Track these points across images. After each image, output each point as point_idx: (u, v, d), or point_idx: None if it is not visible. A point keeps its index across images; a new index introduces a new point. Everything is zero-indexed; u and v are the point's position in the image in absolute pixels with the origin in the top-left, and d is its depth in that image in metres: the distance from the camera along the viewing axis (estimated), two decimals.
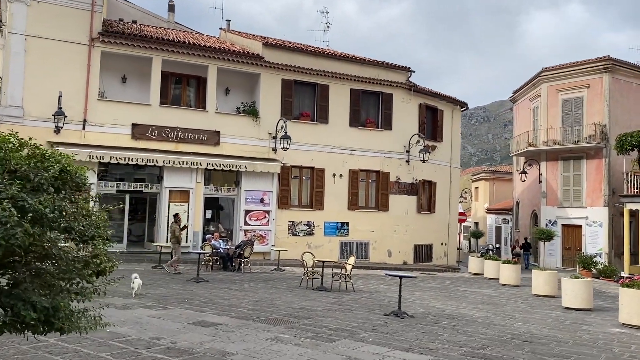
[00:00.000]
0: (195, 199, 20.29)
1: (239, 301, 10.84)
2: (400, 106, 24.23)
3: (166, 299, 10.65)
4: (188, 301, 10.48)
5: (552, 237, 17.91)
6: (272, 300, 11.34)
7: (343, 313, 10.18)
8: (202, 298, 10.98)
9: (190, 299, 10.81)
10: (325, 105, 22.68)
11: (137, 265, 17.59)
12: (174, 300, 10.45)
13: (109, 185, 19.61)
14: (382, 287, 15.53)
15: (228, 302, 10.67)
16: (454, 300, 13.55)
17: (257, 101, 21.73)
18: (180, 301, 10.43)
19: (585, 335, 9.48)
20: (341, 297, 12.76)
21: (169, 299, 10.58)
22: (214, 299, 10.99)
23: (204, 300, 10.64)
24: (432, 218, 25.91)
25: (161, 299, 10.60)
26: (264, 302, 10.90)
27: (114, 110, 19.33)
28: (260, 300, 11.23)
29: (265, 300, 11.19)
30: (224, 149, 20.67)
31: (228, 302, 10.67)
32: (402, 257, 24.06)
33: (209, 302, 10.45)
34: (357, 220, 23.07)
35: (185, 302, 10.37)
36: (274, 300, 11.37)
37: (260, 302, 10.86)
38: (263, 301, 11.09)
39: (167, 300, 10.49)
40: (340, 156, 22.80)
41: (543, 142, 29.50)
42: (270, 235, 21.35)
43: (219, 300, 10.75)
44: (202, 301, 10.57)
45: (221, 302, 10.60)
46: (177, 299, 10.64)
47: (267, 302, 11.01)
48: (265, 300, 11.30)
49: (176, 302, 10.33)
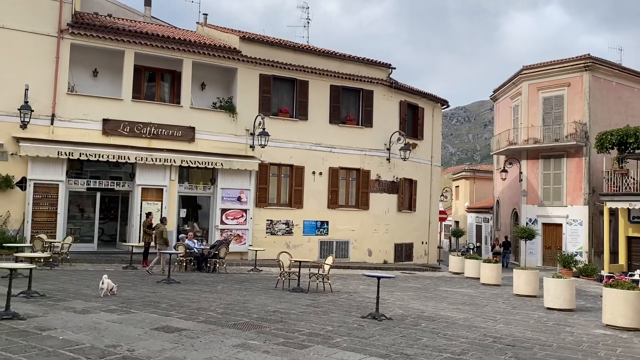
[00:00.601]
0: (169, 197, 19.64)
1: (209, 304, 10.30)
2: (381, 103, 23.83)
3: (131, 302, 10.06)
4: (155, 304, 9.90)
5: (534, 236, 17.70)
6: (244, 302, 10.82)
7: (318, 316, 9.70)
8: (170, 301, 10.41)
9: (157, 302, 10.23)
10: (305, 102, 22.18)
11: (107, 265, 16.96)
12: (139, 304, 9.87)
13: (79, 183, 18.88)
14: (361, 288, 15.09)
15: (197, 305, 10.11)
16: (433, 301, 13.17)
17: (234, 97, 21.14)
18: (146, 304, 9.85)
19: (568, 337, 9.13)
20: (318, 298, 12.28)
21: (134, 302, 9.99)
22: (183, 301, 10.43)
23: (171, 304, 10.07)
24: (413, 217, 25.58)
25: (126, 302, 10.01)
26: (235, 305, 10.37)
27: (84, 105, 18.59)
28: (232, 303, 10.70)
29: (237, 303, 10.67)
30: (199, 145, 20.05)
31: (197, 305, 10.11)
32: (383, 256, 23.68)
33: (176, 306, 9.89)
34: (337, 219, 22.62)
35: (151, 305, 9.80)
36: (247, 302, 10.85)
37: (232, 305, 10.33)
38: (235, 304, 10.56)
39: (132, 303, 9.91)
40: (320, 154, 22.33)
41: (523, 141, 29.39)
42: (247, 235, 20.79)
43: (187, 304, 10.19)
44: (170, 304, 10.00)
45: (190, 305, 10.05)
46: (143, 302, 10.06)
47: (239, 305, 10.49)
48: (238, 302, 10.77)
49: (142, 305, 9.74)
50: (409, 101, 25.27)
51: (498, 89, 34.19)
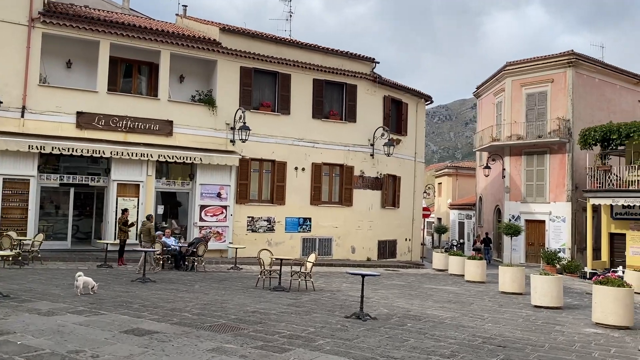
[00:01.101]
0: (146, 193, 18.99)
1: (184, 304, 9.77)
2: (365, 98, 23.43)
3: (102, 302, 9.49)
4: (127, 305, 9.35)
5: (519, 232, 17.47)
6: (222, 302, 10.31)
7: (300, 316, 9.24)
8: (144, 301, 9.86)
9: (129, 302, 9.68)
10: (287, 96, 21.67)
11: (81, 264, 16.31)
12: (110, 304, 9.30)
13: (51, 178, 18.12)
14: (344, 286, 14.68)
15: (172, 305, 9.58)
16: (419, 299, 12.80)
17: (214, 90, 20.55)
18: (117, 305, 9.29)
19: (560, 337, 8.81)
20: (300, 297, 11.83)
21: (105, 303, 9.42)
22: (157, 302, 9.88)
23: (145, 304, 9.53)
24: (397, 213, 25.25)
25: (97, 302, 9.44)
26: (212, 305, 9.87)
27: (57, 97, 17.85)
28: (209, 303, 10.19)
29: (214, 303, 10.16)
30: (177, 139, 19.43)
31: (172, 305, 9.58)
32: (366, 253, 23.31)
33: (150, 306, 9.35)
34: (320, 215, 22.18)
35: (123, 305, 9.24)
36: (225, 302, 10.35)
37: (209, 306, 9.82)
38: (212, 304, 10.05)
39: (103, 303, 9.34)
40: (303, 149, 21.85)
41: (507, 137, 29.26)
42: (227, 232, 20.24)
43: (162, 304, 9.66)
44: (143, 305, 9.46)
45: (164, 305, 9.51)
46: (114, 303, 9.49)
47: (216, 305, 9.98)
48: (215, 303, 10.26)
49: (113, 305, 9.18)
50: (392, 96, 24.90)
51: (481, 85, 34.04)
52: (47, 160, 18.38)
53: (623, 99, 29.83)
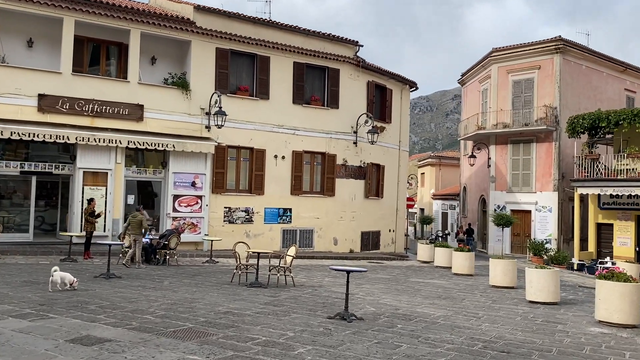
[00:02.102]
0: (114, 182, 17.78)
1: (148, 304, 8.72)
2: (348, 83, 22.42)
3: (54, 302, 8.39)
4: (82, 306, 8.27)
5: (511, 223, 16.67)
6: (192, 302, 9.28)
7: (278, 317, 8.26)
8: (103, 301, 8.78)
9: (86, 302, 8.59)
10: (266, 80, 20.55)
11: (43, 258, 15.12)
12: (63, 305, 8.21)
13: (10, 165, 16.81)
14: (326, 280, 13.74)
15: (134, 306, 8.53)
16: (406, 295, 11.93)
17: (188, 72, 19.33)
18: (71, 306, 8.20)
19: (565, 339, 7.98)
20: (278, 294, 10.85)
21: (57, 303, 8.33)
22: (118, 302, 8.81)
23: (103, 305, 8.45)
24: (380, 204, 24.39)
25: (48, 302, 8.34)
26: (180, 305, 8.83)
27: (17, 78, 16.50)
28: (177, 302, 9.15)
29: (183, 303, 9.12)
30: (148, 125, 18.23)
31: (134, 306, 8.53)
32: (349, 245, 22.42)
33: (108, 307, 8.28)
34: (300, 206, 21.19)
35: (77, 307, 8.16)
36: (195, 301, 9.32)
37: (176, 305, 8.78)
38: (180, 303, 9.01)
39: (55, 304, 8.25)
40: (283, 136, 20.79)
41: (492, 125, 28.57)
42: (202, 223, 19.13)
43: (123, 304, 8.59)
44: (101, 305, 8.38)
45: (125, 306, 8.45)
46: (68, 303, 8.40)
47: (185, 304, 8.95)
48: (184, 302, 9.23)
49: (65, 307, 8.10)
50: (376, 82, 23.93)
51: (466, 72, 33.27)
52: (6, 147, 17.07)
53: (610, 87, 29.33)
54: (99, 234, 16.87)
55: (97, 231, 16.67)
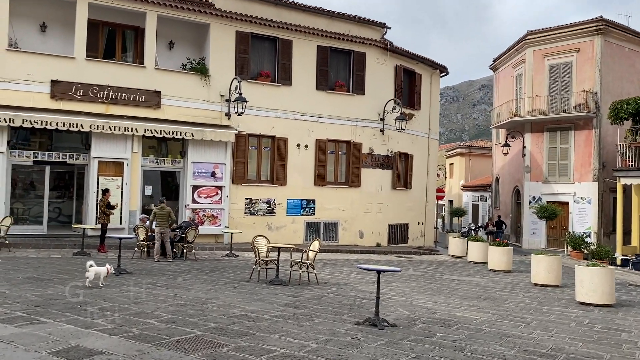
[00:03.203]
0: (131, 172, 17.03)
1: (155, 306, 7.83)
2: (374, 68, 21.23)
3: (51, 303, 7.56)
4: (80, 308, 7.42)
5: (556, 215, 15.35)
6: (204, 302, 8.36)
7: (299, 323, 7.28)
8: (106, 302, 7.92)
9: (85, 303, 7.74)
10: (288, 64, 19.52)
11: (56, 251, 14.48)
12: (59, 307, 7.37)
13: (23, 155, 16.17)
14: (352, 277, 12.72)
15: (139, 308, 7.64)
16: (442, 295, 10.83)
17: (207, 57, 18.44)
18: (68, 308, 7.36)
19: (636, 352, 6.81)
20: (300, 293, 9.87)
21: (53, 305, 7.50)
22: (122, 302, 7.94)
23: (104, 306, 7.59)
24: (409, 195, 23.21)
25: (44, 303, 7.51)
26: (191, 307, 7.91)
27: (29, 63, 15.83)
28: (187, 303, 8.23)
29: (194, 303, 8.20)
30: (165, 112, 17.40)
31: (139, 308, 7.64)
32: (375, 238, 21.33)
33: (109, 309, 7.41)
34: (324, 197, 20.17)
35: (74, 309, 7.31)
36: (208, 302, 8.39)
37: (186, 308, 7.86)
38: (191, 305, 8.10)
39: (51, 306, 7.41)
40: (306, 124, 19.77)
41: (527, 112, 27.05)
42: (223, 215, 18.28)
43: (126, 306, 7.72)
44: (102, 307, 7.52)
45: (128, 308, 7.57)
46: (65, 305, 7.56)
47: (196, 306, 8.03)
48: (196, 302, 8.31)
49: (62, 309, 7.26)
50: (405, 66, 22.68)
51: (499, 57, 31.69)
52: (19, 135, 16.47)
53: None
54: (115, 227, 16.19)
55: (113, 223, 16.02)
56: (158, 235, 14.06)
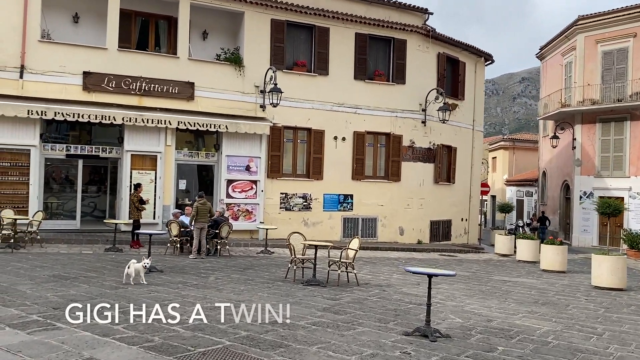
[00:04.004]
0: (164, 166, 16.58)
1: (182, 309, 7.17)
2: (416, 56, 20.21)
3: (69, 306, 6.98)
4: (102, 311, 6.82)
5: (620, 212, 14.08)
6: (236, 305, 7.66)
7: (340, 332, 6.49)
8: (130, 304, 7.31)
9: (108, 307, 7.14)
10: (325, 53, 18.72)
11: (87, 247, 14.12)
12: (78, 310, 6.78)
13: (56, 148, 15.88)
14: (395, 278, 11.86)
15: (164, 312, 6.99)
16: (495, 299, 9.86)
17: (241, 47, 17.82)
18: (87, 311, 6.76)
19: None
20: (340, 296, 9.09)
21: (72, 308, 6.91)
22: (147, 305, 7.31)
23: (126, 309, 6.97)
24: (452, 189, 22.11)
25: (61, 306, 6.94)
26: (219, 312, 7.22)
27: (61, 54, 15.53)
28: (217, 307, 7.54)
29: (224, 307, 7.50)
30: (199, 104, 16.88)
31: (164, 312, 6.99)
32: (416, 235, 20.36)
33: (132, 313, 6.78)
34: (363, 192, 19.32)
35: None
36: (240, 305, 7.69)
37: (214, 312, 7.17)
38: (219, 308, 7.40)
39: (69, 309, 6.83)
40: (343, 115, 18.94)
41: (578, 102, 25.46)
42: (258, 210, 17.66)
43: (150, 309, 7.07)
44: (124, 310, 6.90)
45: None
46: (86, 307, 6.97)
47: (225, 310, 7.32)
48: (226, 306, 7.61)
49: (81, 312, 6.67)
50: (448, 54, 21.55)
51: (546, 45, 30.06)
52: (52, 128, 16.25)
53: None
54: (148, 221, 15.80)
55: (146, 218, 15.63)
56: (197, 231, 13.54)
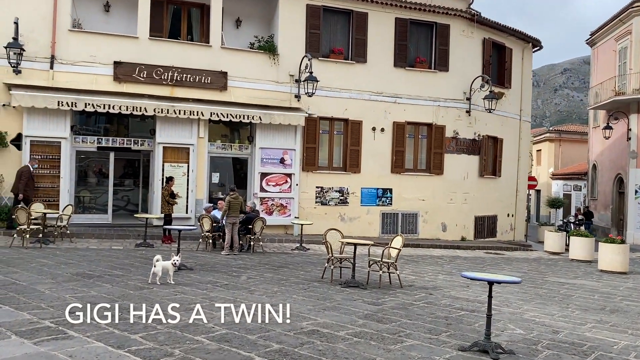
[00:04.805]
0: (197, 159, 16.03)
1: (211, 314, 6.47)
2: (460, 41, 19.07)
3: (86, 310, 6.38)
4: (122, 316, 6.18)
5: None
6: (271, 308, 6.92)
7: (385, 346, 5.66)
8: (153, 307, 6.65)
9: (127, 309, 6.50)
10: (363, 40, 17.80)
11: (118, 242, 13.68)
12: (94, 315, 6.17)
13: (87, 140, 15.52)
14: (440, 278, 10.94)
15: (190, 316, 6.30)
16: (555, 304, 8.84)
17: (276, 34, 17.08)
18: (104, 316, 6.14)
19: None
20: (382, 300, 8.25)
21: (89, 312, 6.30)
22: (174, 309, 6.64)
23: (147, 314, 6.31)
24: (497, 183, 20.89)
25: (78, 310, 6.34)
26: (248, 317, 6.49)
27: (91, 44, 15.13)
28: (246, 313, 6.81)
29: (255, 313, 6.78)
30: (232, 94, 16.24)
31: (190, 316, 6.30)
32: (460, 231, 19.28)
33: (153, 320, 6.12)
34: (403, 186, 18.37)
35: (112, 317, 6.08)
36: (273, 308, 6.94)
37: (242, 320, 6.44)
38: (249, 312, 6.67)
39: (85, 314, 6.22)
40: (382, 105, 18.01)
41: (634, 90, 23.75)
42: (292, 205, 16.95)
43: (174, 313, 6.40)
44: (142, 316, 6.24)
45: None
46: (104, 312, 6.35)
47: (256, 316, 6.59)
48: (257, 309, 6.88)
49: (97, 317, 6.04)
50: (493, 39, 20.30)
51: (597, 30, 28.29)
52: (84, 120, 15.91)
53: None
54: (180, 216, 15.31)
55: (178, 213, 15.14)
56: (229, 226, 12.90)
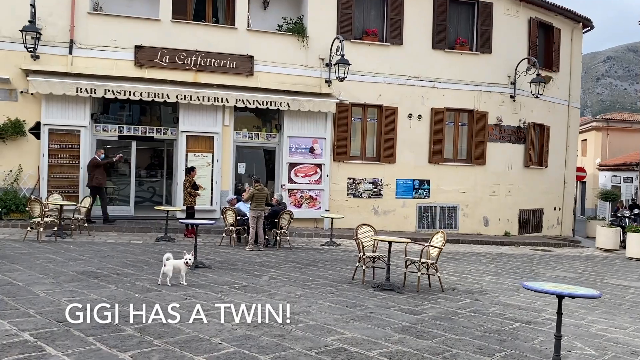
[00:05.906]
0: (222, 148, 15.19)
1: (219, 327, 5.53)
2: (503, 21, 17.65)
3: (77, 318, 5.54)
4: (117, 325, 5.31)
5: None
6: (295, 315, 5.94)
7: None
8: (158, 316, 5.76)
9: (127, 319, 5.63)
10: (399, 20, 16.59)
11: (138, 236, 12.95)
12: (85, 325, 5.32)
13: (108, 129, 14.83)
14: (486, 281, 9.78)
15: (197, 327, 5.39)
16: (625, 314, 7.61)
17: (305, 15, 16.04)
18: (97, 327, 5.28)
19: None
20: (422, 308, 7.18)
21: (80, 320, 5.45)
22: (180, 318, 5.73)
23: (146, 325, 5.42)
24: (544, 174, 19.42)
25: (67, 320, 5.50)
26: (267, 330, 5.53)
27: (111, 28, 14.40)
28: (263, 323, 5.85)
29: (272, 323, 5.81)
30: (259, 80, 15.31)
31: (197, 327, 5.39)
32: (503, 226, 17.95)
33: (151, 332, 5.22)
34: (441, 177, 17.16)
35: (107, 328, 5.21)
36: (293, 320, 5.97)
37: (260, 332, 5.49)
38: (267, 326, 5.71)
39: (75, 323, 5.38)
40: (419, 90, 16.80)
41: None
42: (322, 197, 15.96)
43: (177, 325, 5.50)
44: (141, 328, 5.35)
45: (179, 330, 5.34)
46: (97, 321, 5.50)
47: (274, 328, 5.62)
48: (275, 321, 5.92)
49: (87, 328, 5.20)
50: (540, 19, 18.76)
51: None
52: (104, 107, 15.26)
53: None
54: (204, 208, 14.53)
55: (202, 205, 14.36)
56: (253, 220, 12.01)
